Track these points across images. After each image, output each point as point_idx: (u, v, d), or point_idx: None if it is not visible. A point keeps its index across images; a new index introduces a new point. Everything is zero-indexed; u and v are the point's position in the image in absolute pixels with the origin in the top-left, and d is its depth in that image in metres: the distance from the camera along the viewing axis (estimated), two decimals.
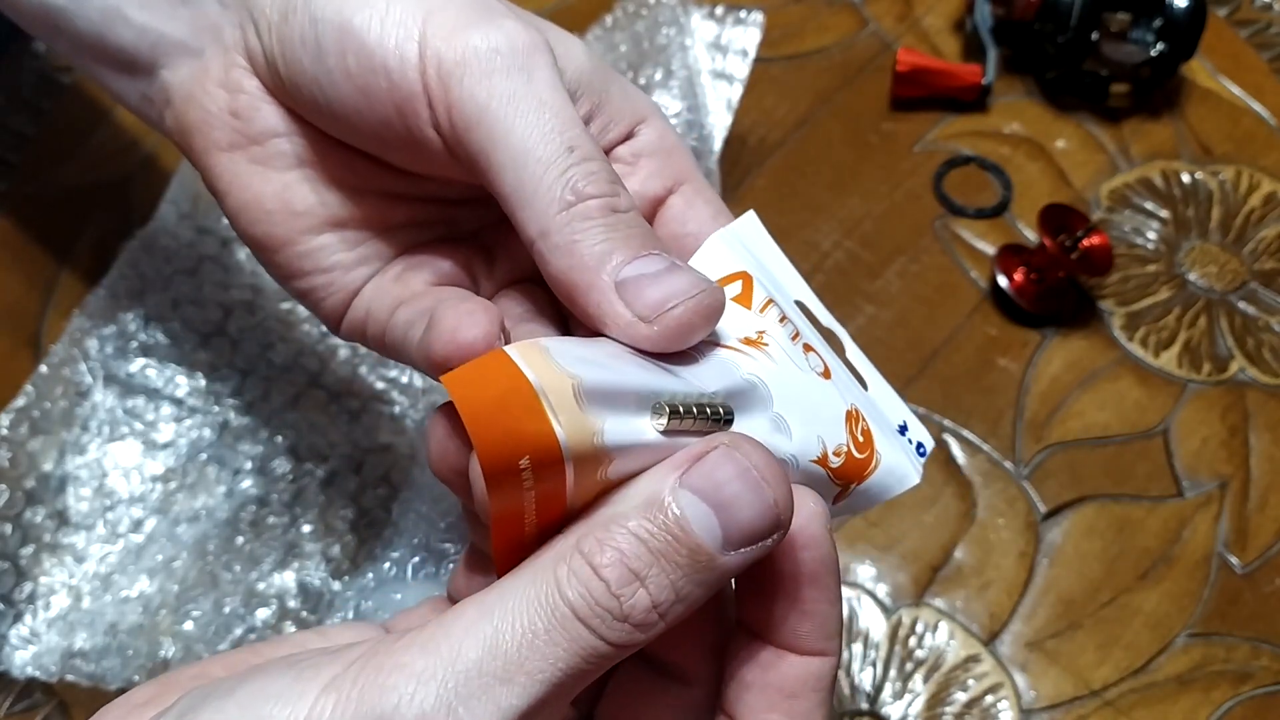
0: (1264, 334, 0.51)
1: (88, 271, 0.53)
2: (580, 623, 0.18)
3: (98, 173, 0.56)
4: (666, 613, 0.19)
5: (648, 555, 0.19)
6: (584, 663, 0.18)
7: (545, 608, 0.18)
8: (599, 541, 0.19)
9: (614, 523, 0.19)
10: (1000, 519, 0.45)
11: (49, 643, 0.41)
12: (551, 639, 0.18)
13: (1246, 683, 0.42)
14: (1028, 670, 0.42)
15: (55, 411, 0.46)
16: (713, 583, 0.19)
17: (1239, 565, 0.44)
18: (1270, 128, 0.58)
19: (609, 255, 0.22)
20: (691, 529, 0.19)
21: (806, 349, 0.26)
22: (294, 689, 0.18)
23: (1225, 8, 0.63)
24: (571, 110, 0.23)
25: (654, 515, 0.19)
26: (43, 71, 0.60)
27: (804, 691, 0.20)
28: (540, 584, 0.19)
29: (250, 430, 0.46)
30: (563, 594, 0.18)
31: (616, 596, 0.18)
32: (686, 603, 0.19)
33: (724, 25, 0.54)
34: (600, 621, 0.18)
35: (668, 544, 0.19)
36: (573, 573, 0.19)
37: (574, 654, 0.18)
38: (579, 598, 0.18)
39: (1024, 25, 0.58)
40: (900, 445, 0.26)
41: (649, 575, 0.18)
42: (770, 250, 0.29)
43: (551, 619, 0.18)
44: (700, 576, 0.19)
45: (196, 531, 0.43)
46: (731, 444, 0.20)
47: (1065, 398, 0.49)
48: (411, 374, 0.47)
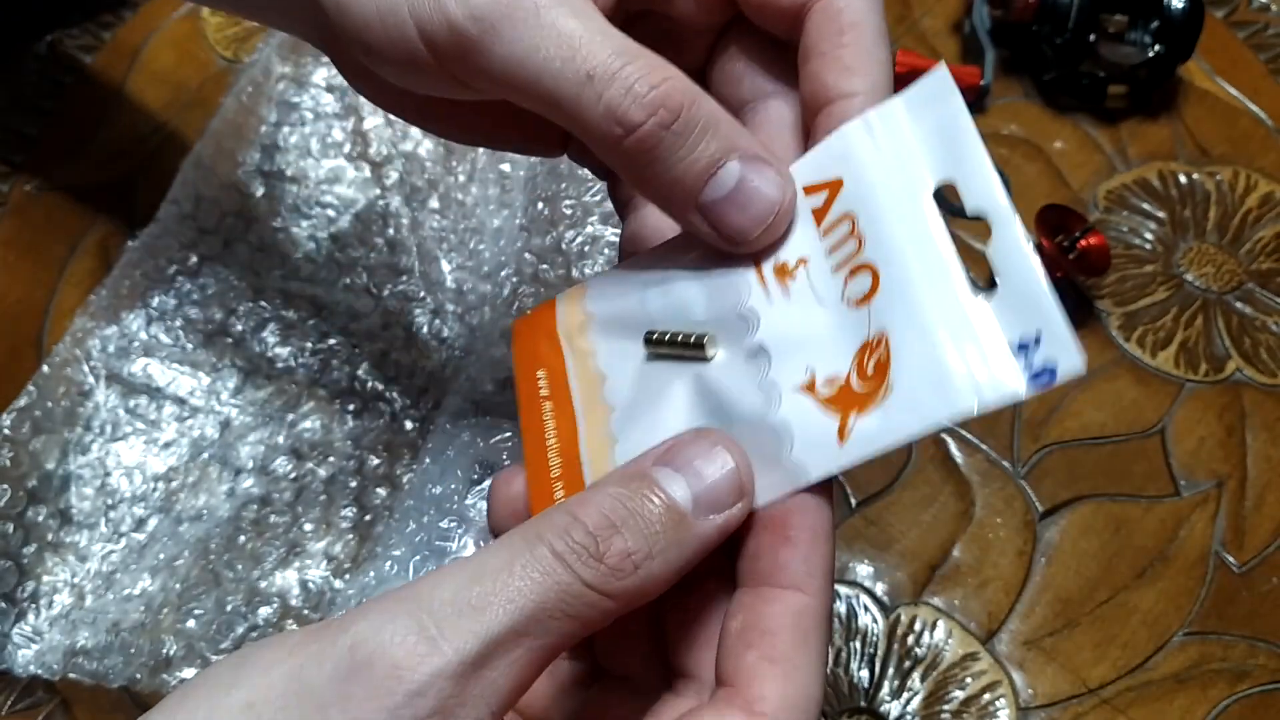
0: (1261, 334, 0.51)
1: (90, 271, 0.53)
2: (556, 558, 0.19)
3: (100, 173, 0.56)
4: (641, 563, 0.19)
5: (625, 511, 0.20)
6: (559, 600, 0.19)
7: (524, 548, 0.19)
8: (580, 500, 0.20)
9: (596, 490, 0.21)
10: (998, 518, 0.46)
11: (51, 641, 0.42)
12: (527, 572, 0.19)
13: (1243, 681, 0.42)
14: (1025, 668, 0.42)
15: (58, 411, 0.46)
16: (686, 544, 0.20)
17: (1236, 564, 0.45)
18: (1267, 129, 0.58)
19: (677, 186, 0.23)
20: (665, 488, 0.20)
21: (855, 271, 0.25)
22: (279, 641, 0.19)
23: (1222, 9, 0.63)
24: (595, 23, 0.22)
25: (632, 482, 0.21)
26: (45, 72, 0.60)
27: (781, 629, 0.20)
28: (522, 533, 0.20)
29: (252, 429, 0.46)
30: (542, 536, 0.19)
31: (594, 537, 0.19)
32: (662, 560, 0.20)
33: None
34: (576, 558, 0.19)
35: (644, 501, 0.20)
36: (554, 522, 0.20)
37: (549, 588, 0.19)
38: (557, 538, 0.19)
39: (1022, 27, 0.58)
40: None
41: (626, 526, 0.20)
42: (935, 123, 0.26)
43: (529, 556, 0.19)
44: (674, 535, 0.20)
45: (199, 530, 0.44)
46: (701, 434, 0.21)
47: (1063, 397, 0.49)
48: (413, 374, 0.48)
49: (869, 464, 0.45)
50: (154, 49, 0.62)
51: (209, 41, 0.62)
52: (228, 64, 0.61)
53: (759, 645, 0.20)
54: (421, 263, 0.51)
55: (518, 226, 0.48)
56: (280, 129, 0.55)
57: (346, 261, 0.51)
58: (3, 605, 0.42)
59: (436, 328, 0.49)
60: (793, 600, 0.21)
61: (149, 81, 0.60)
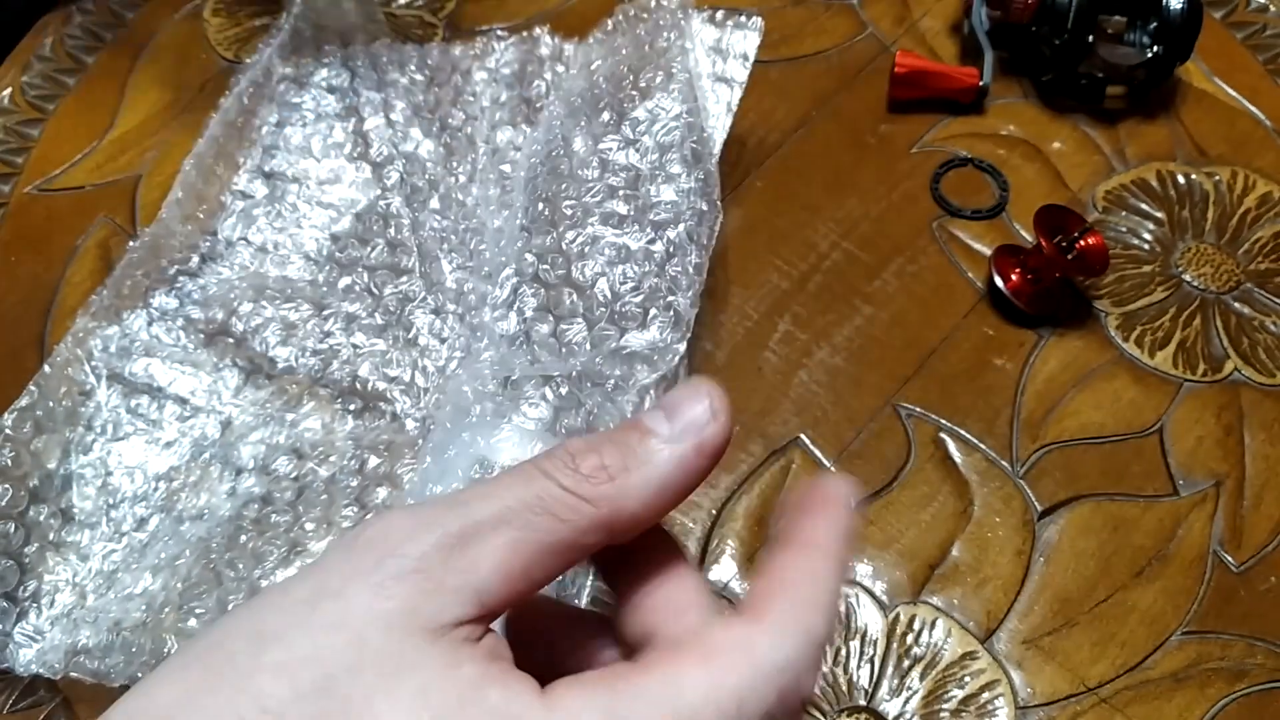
0: (1259, 334, 0.51)
1: (91, 272, 0.53)
2: (537, 468, 0.21)
3: (102, 174, 0.57)
4: (616, 474, 0.21)
5: (607, 439, 0.22)
6: (538, 499, 0.20)
7: (514, 469, 0.21)
8: (571, 439, 0.22)
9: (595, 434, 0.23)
10: (997, 517, 0.46)
11: (53, 640, 0.42)
12: (511, 479, 0.21)
13: (1241, 680, 0.42)
14: (1024, 667, 0.42)
15: (59, 410, 0.46)
16: (662, 461, 0.21)
17: (1234, 563, 0.45)
18: (1266, 129, 0.58)
19: None
20: (644, 419, 0.22)
21: None
22: None
23: (1221, 10, 0.63)
24: None
25: (625, 425, 0.23)
26: (47, 72, 0.61)
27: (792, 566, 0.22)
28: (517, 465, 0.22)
29: (253, 429, 0.46)
30: (531, 461, 0.22)
31: (573, 455, 0.21)
32: (639, 475, 0.21)
33: (724, 29, 0.54)
34: (554, 467, 0.21)
35: (625, 431, 0.22)
36: (547, 452, 0.22)
37: (529, 490, 0.21)
38: (542, 458, 0.21)
39: (1020, 28, 0.58)
40: None
41: (605, 449, 0.22)
42: None
43: (516, 471, 0.21)
44: (651, 453, 0.21)
45: (200, 529, 0.44)
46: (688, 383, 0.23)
47: (1061, 397, 0.49)
48: (413, 374, 0.48)
49: (868, 464, 0.45)
50: (155, 49, 0.62)
51: (210, 42, 0.62)
52: (229, 64, 0.61)
53: (766, 578, 0.21)
54: (422, 263, 0.51)
55: (518, 227, 0.48)
56: (281, 129, 0.55)
57: (347, 261, 0.51)
58: (4, 604, 0.42)
59: (437, 328, 0.49)
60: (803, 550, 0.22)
61: (151, 82, 0.60)
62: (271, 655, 0.18)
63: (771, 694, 0.19)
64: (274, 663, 0.18)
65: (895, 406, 0.49)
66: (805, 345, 0.51)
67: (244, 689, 0.18)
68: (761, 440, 0.48)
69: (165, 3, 0.64)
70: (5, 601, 0.42)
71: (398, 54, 0.57)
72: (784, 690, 0.20)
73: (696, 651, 0.20)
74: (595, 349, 0.45)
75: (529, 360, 0.45)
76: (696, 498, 0.46)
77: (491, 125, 0.55)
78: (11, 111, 0.59)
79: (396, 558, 0.19)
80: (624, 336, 0.45)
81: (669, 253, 0.46)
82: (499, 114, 0.55)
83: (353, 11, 0.58)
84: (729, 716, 0.19)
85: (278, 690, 0.18)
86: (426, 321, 0.49)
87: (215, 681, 0.18)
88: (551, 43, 0.56)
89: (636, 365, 0.44)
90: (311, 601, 0.19)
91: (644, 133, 0.48)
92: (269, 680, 0.18)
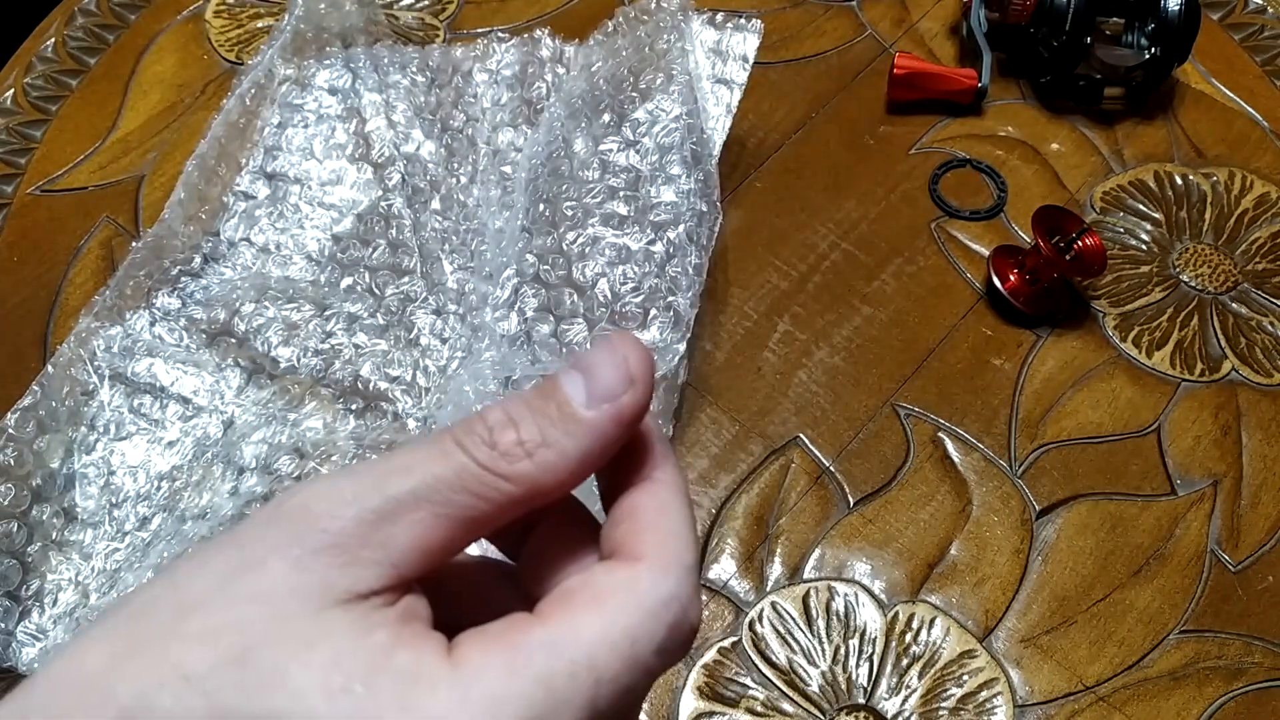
0: (1256, 334, 0.51)
1: (94, 272, 0.53)
2: (455, 443, 0.21)
3: (104, 174, 0.57)
4: (534, 450, 0.21)
5: (524, 408, 0.22)
6: (456, 476, 0.21)
7: (432, 440, 0.21)
8: (491, 405, 0.22)
9: (511, 397, 0.22)
10: (995, 516, 0.46)
11: (56, 639, 0.42)
12: (429, 453, 0.21)
13: (1239, 679, 0.42)
14: (1022, 666, 0.43)
15: (62, 410, 0.46)
16: (579, 434, 0.21)
17: (1231, 563, 0.45)
18: (1263, 130, 0.58)
19: None
20: (561, 386, 0.22)
21: None
22: None
23: (1218, 12, 0.64)
24: None
25: (542, 388, 0.22)
26: (50, 74, 0.61)
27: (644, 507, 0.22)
28: (435, 433, 0.22)
29: (255, 429, 0.46)
30: (449, 431, 0.22)
31: (490, 429, 0.21)
32: (556, 449, 0.21)
33: (724, 31, 0.54)
34: (471, 443, 0.21)
35: (542, 400, 0.22)
36: (464, 422, 0.22)
37: (447, 466, 0.21)
38: (461, 431, 0.21)
39: (1019, 29, 0.58)
40: None
41: (522, 421, 0.21)
42: None
43: (433, 444, 0.21)
44: (566, 425, 0.21)
45: (202, 528, 0.44)
46: (606, 339, 0.23)
47: (1059, 397, 0.49)
48: (414, 374, 0.48)
49: (867, 463, 0.45)
50: (158, 51, 0.62)
51: (212, 43, 0.62)
52: (231, 66, 0.61)
53: (625, 521, 0.22)
54: (424, 263, 0.51)
55: (519, 228, 0.49)
56: (283, 130, 0.55)
57: (349, 262, 0.51)
58: (7, 603, 0.42)
59: (438, 328, 0.49)
60: (646, 485, 0.23)
61: (153, 83, 0.60)
62: (194, 623, 0.19)
63: (661, 628, 0.20)
64: (196, 631, 0.19)
65: (894, 406, 0.49)
66: (805, 345, 0.51)
67: (166, 655, 0.19)
68: (761, 440, 0.48)
69: (167, 4, 0.64)
70: (8, 600, 0.42)
71: (399, 56, 0.57)
72: (672, 623, 0.21)
73: (587, 597, 0.21)
74: None
75: (530, 360, 0.45)
76: (696, 497, 0.46)
77: (493, 127, 0.55)
78: (14, 112, 0.59)
79: (315, 532, 0.20)
80: None
81: (669, 253, 0.46)
82: (500, 115, 0.55)
83: (354, 13, 0.58)
84: (624, 654, 0.20)
85: (199, 657, 0.19)
86: (428, 322, 0.49)
87: (139, 647, 0.19)
88: (552, 44, 0.57)
89: None
90: (233, 572, 0.20)
91: (644, 134, 0.48)
92: (191, 648, 0.19)
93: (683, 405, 0.49)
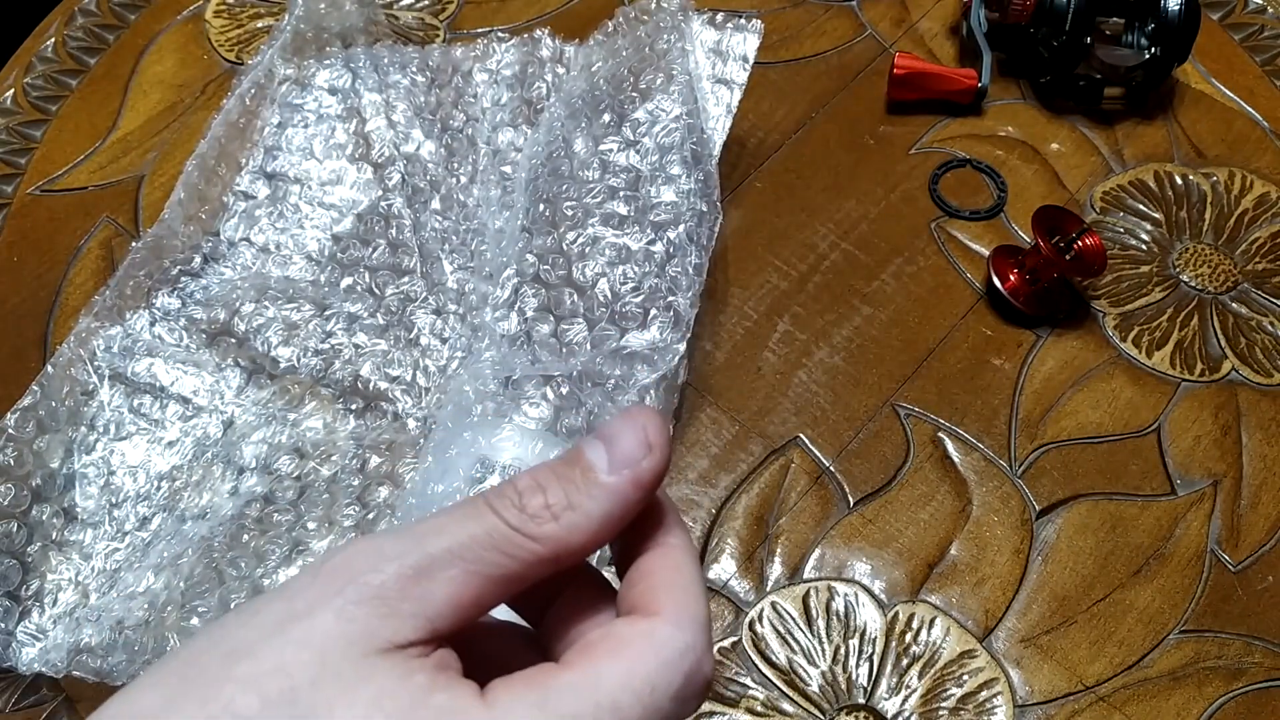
0: (1256, 334, 0.51)
1: (94, 272, 0.53)
2: (487, 507, 0.23)
3: (104, 174, 0.57)
4: (560, 513, 0.23)
5: (550, 475, 0.23)
6: (488, 536, 0.22)
7: (467, 503, 0.23)
8: (521, 472, 0.24)
9: (540, 465, 0.24)
10: (995, 516, 0.46)
11: (56, 639, 0.42)
12: (464, 515, 0.23)
13: (1239, 679, 0.42)
14: (1022, 666, 0.43)
15: (62, 410, 0.46)
16: (601, 497, 0.23)
17: (1231, 563, 0.45)
18: (1263, 130, 0.58)
19: None
20: (585, 453, 0.24)
21: None
22: None
23: (1218, 12, 0.64)
24: None
25: (568, 455, 0.24)
26: (50, 74, 0.61)
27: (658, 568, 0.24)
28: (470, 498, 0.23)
29: (255, 428, 0.46)
30: (482, 496, 0.23)
31: (520, 493, 0.23)
32: (580, 512, 0.23)
33: (724, 31, 0.54)
34: (502, 506, 0.23)
35: (567, 467, 0.23)
36: (496, 488, 0.23)
37: (479, 527, 0.22)
38: (493, 496, 0.23)
39: (1019, 29, 0.58)
40: None
41: (549, 487, 0.23)
42: None
43: (468, 506, 0.23)
44: (591, 491, 0.23)
45: (202, 528, 0.44)
46: (627, 410, 0.24)
47: (1059, 397, 0.49)
48: (414, 374, 0.48)
49: (867, 463, 0.45)
50: (158, 51, 0.62)
51: (212, 43, 0.62)
52: (231, 66, 0.61)
53: (642, 581, 0.24)
54: (423, 263, 0.51)
55: (519, 227, 0.49)
56: (283, 130, 0.55)
57: (349, 262, 0.51)
58: (7, 603, 0.42)
59: (438, 328, 0.49)
60: (660, 549, 0.24)
61: (153, 83, 0.60)
62: (242, 668, 0.21)
63: (678, 677, 0.22)
64: (244, 675, 0.21)
65: (894, 406, 0.49)
66: (804, 345, 0.51)
67: (217, 697, 0.20)
68: (761, 440, 0.48)
69: (167, 4, 0.64)
70: (8, 600, 0.42)
71: (399, 55, 0.57)
72: (688, 672, 0.22)
73: (609, 647, 0.22)
74: (596, 349, 0.46)
75: (530, 360, 0.45)
76: (696, 497, 0.46)
77: (493, 126, 0.55)
78: (14, 112, 0.59)
79: (358, 585, 0.21)
80: (624, 336, 0.45)
81: (669, 253, 0.46)
82: (500, 115, 0.55)
83: (354, 13, 0.58)
84: (643, 699, 0.21)
85: (248, 699, 0.20)
86: (428, 322, 0.49)
87: (190, 690, 0.21)
88: (552, 44, 0.57)
89: (636, 365, 0.44)
90: (280, 622, 0.21)
91: (644, 134, 0.48)
92: (239, 690, 0.20)
93: (683, 405, 0.49)
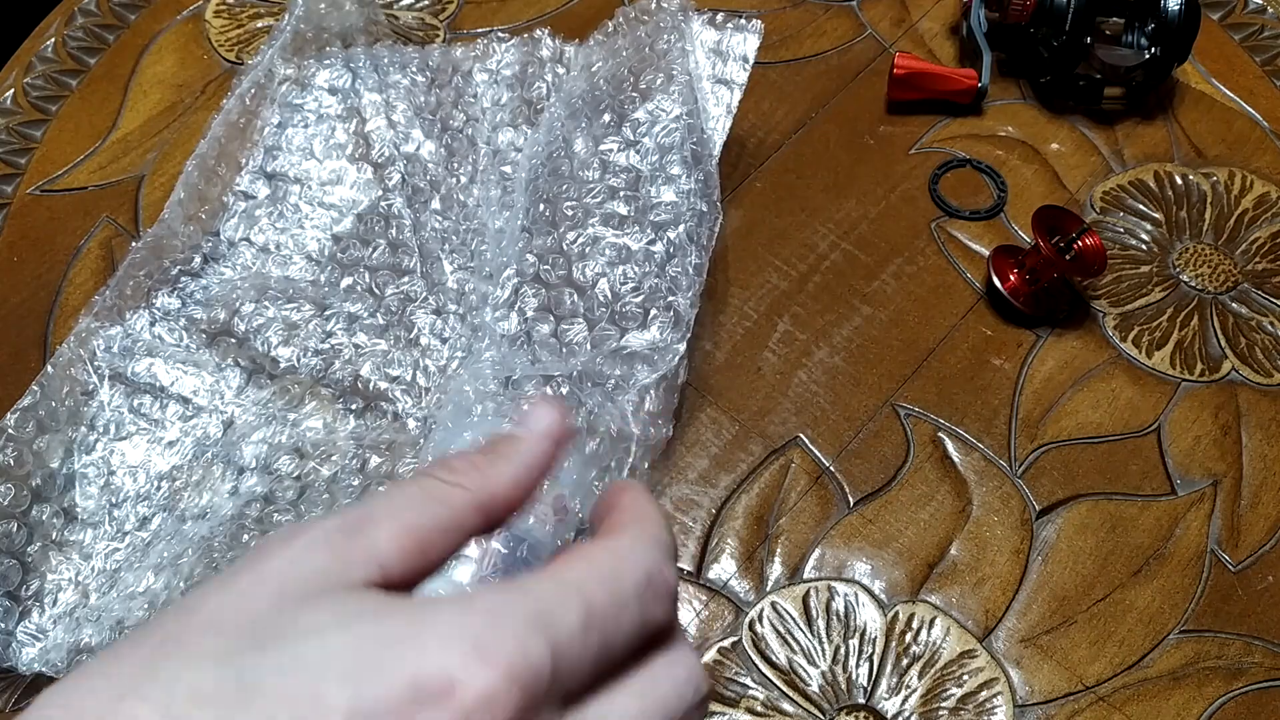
0: (1256, 334, 0.51)
1: (94, 272, 0.53)
2: (420, 473, 0.25)
3: (104, 174, 0.57)
4: (481, 466, 0.25)
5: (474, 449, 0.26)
6: (418, 488, 0.24)
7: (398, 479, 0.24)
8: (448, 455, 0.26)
9: None
10: (995, 516, 0.46)
11: (56, 638, 0.42)
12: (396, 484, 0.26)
13: (1239, 679, 0.42)
14: (1022, 666, 0.43)
15: (62, 410, 0.46)
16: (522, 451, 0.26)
17: (1231, 563, 0.45)
18: (1263, 130, 0.58)
19: None
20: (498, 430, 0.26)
21: None
22: None
23: (1218, 12, 0.64)
24: None
25: None
26: (50, 74, 0.61)
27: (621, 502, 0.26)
28: None
29: (255, 428, 0.46)
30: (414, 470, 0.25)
31: (447, 461, 0.25)
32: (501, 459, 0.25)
33: (724, 31, 0.54)
34: (431, 468, 0.25)
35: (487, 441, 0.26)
36: None
37: (414, 484, 0.24)
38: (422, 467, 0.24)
39: (1019, 29, 0.58)
40: None
41: (473, 454, 0.25)
42: None
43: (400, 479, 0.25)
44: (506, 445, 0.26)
45: (202, 528, 0.44)
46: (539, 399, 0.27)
47: (1059, 397, 0.49)
48: (414, 373, 0.48)
49: (867, 463, 0.45)
50: (158, 51, 0.62)
51: (212, 43, 0.62)
52: (231, 66, 0.61)
53: (604, 521, 0.25)
54: (424, 263, 0.51)
55: (519, 227, 0.49)
56: (283, 130, 0.55)
57: (349, 262, 0.51)
58: (7, 603, 0.42)
59: (439, 328, 0.49)
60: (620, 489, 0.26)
61: (153, 83, 0.60)
62: (200, 617, 0.21)
63: (640, 573, 0.23)
64: (203, 621, 0.21)
65: (894, 406, 0.49)
66: (804, 345, 0.51)
67: (182, 645, 0.21)
68: (761, 440, 0.48)
69: (167, 4, 0.64)
70: (8, 600, 0.42)
71: (399, 56, 0.57)
72: (650, 571, 0.23)
73: (573, 555, 0.24)
74: (596, 349, 0.46)
75: (530, 360, 0.45)
76: (696, 497, 0.46)
77: (493, 126, 0.55)
78: (14, 112, 0.59)
79: (305, 536, 0.22)
80: (624, 337, 0.45)
81: (669, 253, 0.46)
82: (500, 115, 0.55)
83: (354, 13, 0.58)
84: (609, 586, 0.23)
85: (213, 638, 0.21)
86: (428, 322, 0.49)
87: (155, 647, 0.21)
88: (552, 44, 0.57)
89: (636, 365, 0.44)
90: (232, 575, 0.22)
91: (644, 134, 0.48)
92: (203, 633, 0.21)
93: (683, 405, 0.49)
